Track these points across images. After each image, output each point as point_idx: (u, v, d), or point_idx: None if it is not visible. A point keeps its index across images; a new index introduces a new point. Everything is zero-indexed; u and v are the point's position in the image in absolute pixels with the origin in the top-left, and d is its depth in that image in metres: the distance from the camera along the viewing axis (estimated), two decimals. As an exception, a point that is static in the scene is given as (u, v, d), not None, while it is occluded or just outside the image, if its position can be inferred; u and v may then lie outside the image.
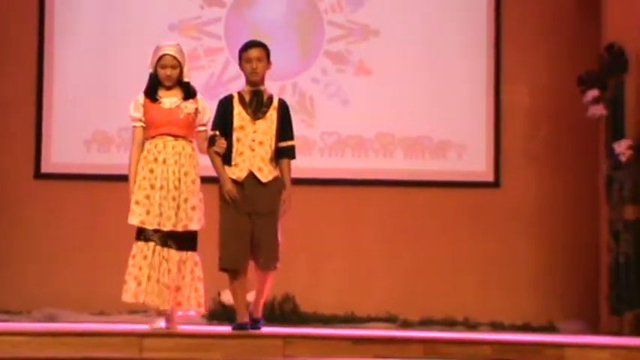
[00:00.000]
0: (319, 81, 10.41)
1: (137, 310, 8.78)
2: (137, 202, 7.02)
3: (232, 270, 7.18)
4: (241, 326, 7.16)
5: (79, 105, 10.20)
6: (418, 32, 10.42)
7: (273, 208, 7.18)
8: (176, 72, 7.15)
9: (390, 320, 9.97)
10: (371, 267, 10.16)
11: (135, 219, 7.02)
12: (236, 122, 7.22)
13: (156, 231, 7.01)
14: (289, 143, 7.31)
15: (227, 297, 9.06)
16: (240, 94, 7.30)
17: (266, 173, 7.19)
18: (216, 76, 10.24)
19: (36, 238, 10.08)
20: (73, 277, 9.97)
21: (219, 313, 9.54)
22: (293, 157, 7.35)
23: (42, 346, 6.51)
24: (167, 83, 7.15)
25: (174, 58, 7.14)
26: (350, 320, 9.89)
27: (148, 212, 7.01)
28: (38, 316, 9.75)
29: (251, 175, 7.18)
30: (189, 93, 7.21)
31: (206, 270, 7.22)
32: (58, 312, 9.82)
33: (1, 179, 10.14)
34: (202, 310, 7.19)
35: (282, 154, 7.29)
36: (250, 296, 7.43)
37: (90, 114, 10.16)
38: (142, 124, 7.16)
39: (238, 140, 7.19)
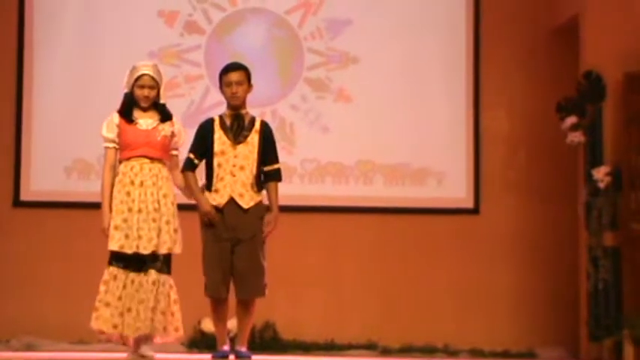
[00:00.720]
0: (299, 108, 10.42)
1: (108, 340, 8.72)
2: (116, 228, 6.90)
3: (214, 297, 7.13)
4: (222, 354, 7.12)
5: (59, 132, 10.18)
6: (397, 59, 10.46)
7: (255, 234, 7.11)
8: (154, 92, 7.06)
9: (370, 347, 9.97)
10: (351, 294, 10.16)
11: (114, 244, 6.89)
12: (217, 147, 7.14)
13: (135, 255, 6.89)
14: (275, 166, 7.24)
15: (207, 325, 9.03)
16: (221, 117, 7.24)
17: (247, 199, 7.13)
18: (196, 103, 10.24)
19: (15, 266, 10.03)
20: (52, 305, 9.93)
21: (199, 341, 9.50)
22: (279, 179, 7.27)
23: (21, 376, 6.49)
24: (144, 104, 7.05)
25: (153, 78, 7.06)
26: (330, 348, 9.89)
27: (127, 236, 6.90)
28: (17, 345, 9.69)
29: (232, 202, 7.10)
30: (165, 115, 7.12)
31: (186, 297, 7.17)
32: (36, 340, 9.76)
33: (-21, 207, 10.12)
34: (181, 333, 7.07)
35: (269, 177, 7.21)
36: (230, 323, 7.38)
37: (70, 141, 10.14)
38: (115, 145, 7.04)
39: (219, 165, 7.12)
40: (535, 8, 10.44)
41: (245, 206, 7.11)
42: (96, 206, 7.21)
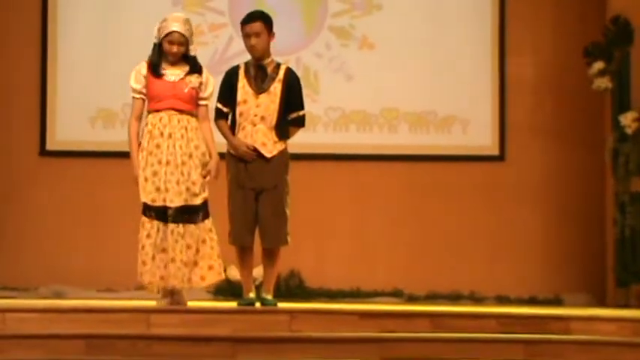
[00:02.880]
0: (323, 56, 10.42)
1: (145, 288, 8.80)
2: (146, 179, 6.90)
3: (239, 246, 7.18)
4: (248, 302, 7.16)
5: (84, 82, 10.23)
6: (421, 6, 10.44)
7: (278, 183, 7.10)
8: (182, 49, 7.00)
9: (396, 295, 10.03)
10: (376, 241, 10.20)
11: (146, 196, 6.88)
12: (240, 96, 7.11)
13: (166, 207, 6.91)
14: (299, 113, 7.17)
15: (233, 273, 9.10)
16: (246, 65, 7.18)
17: (270, 148, 7.10)
18: (220, 52, 10.25)
19: (42, 215, 10.13)
20: (79, 253, 10.03)
21: (225, 289, 9.57)
22: (301, 125, 7.22)
23: (49, 322, 6.52)
24: (172, 59, 7.03)
25: (182, 35, 6.98)
26: (356, 295, 9.95)
27: (157, 189, 6.90)
28: (45, 293, 9.81)
29: (254, 151, 7.08)
30: (195, 67, 7.07)
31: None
32: (64, 289, 9.88)
33: (7, 157, 10.19)
34: (222, 275, 7.08)
35: (291, 122, 7.16)
36: (256, 271, 7.43)
37: (94, 91, 10.20)
38: (142, 96, 7.01)
39: (241, 114, 7.11)
40: (562, -47, 10.41)
41: (268, 155, 7.10)
42: (120, 155, 7.26)
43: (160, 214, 6.91)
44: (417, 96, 10.42)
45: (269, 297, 7.21)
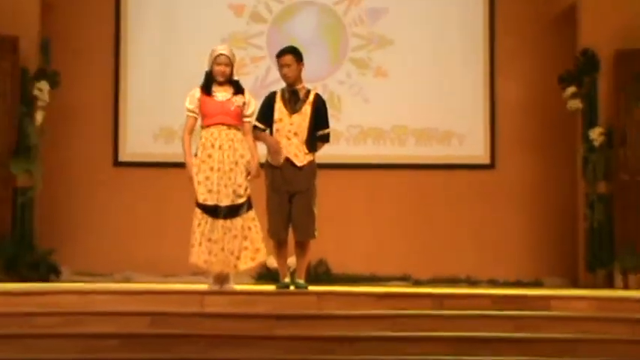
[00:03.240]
0: (345, 82, 10.41)
1: (198, 273, 8.80)
2: (199, 183, 6.90)
3: (275, 239, 7.18)
4: (284, 285, 7.15)
5: (148, 106, 10.26)
6: (426, 41, 10.39)
7: (308, 187, 7.08)
8: (229, 69, 7.01)
9: (405, 279, 9.98)
10: (389, 236, 10.15)
11: (200, 197, 6.89)
12: (276, 115, 7.12)
13: (215, 206, 6.90)
14: (325, 131, 7.16)
15: (271, 262, 9.08)
16: (282, 90, 7.19)
17: (301, 158, 7.09)
18: (260, 79, 10.25)
19: (116, 215, 10.14)
20: (146, 245, 10.01)
21: (265, 275, 9.57)
22: (327, 140, 7.20)
23: (121, 302, 6.55)
24: (220, 79, 7.00)
25: (228, 57, 7.02)
26: (372, 279, 9.90)
27: (209, 191, 6.90)
28: (118, 278, 9.84)
29: (288, 161, 7.08)
30: (238, 89, 7.08)
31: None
32: (133, 274, 9.90)
33: (86, 166, 10.20)
34: (267, 256, 7.04)
35: (318, 138, 7.16)
36: (290, 260, 7.41)
37: (157, 113, 10.22)
38: (194, 114, 7.02)
39: (277, 131, 7.11)
40: (541, -5, 10.36)
41: (299, 164, 7.09)
42: (178, 165, 7.24)
43: (211, 211, 6.91)
44: (422, 115, 10.37)
45: (301, 281, 7.20)
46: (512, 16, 10.35)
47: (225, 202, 6.90)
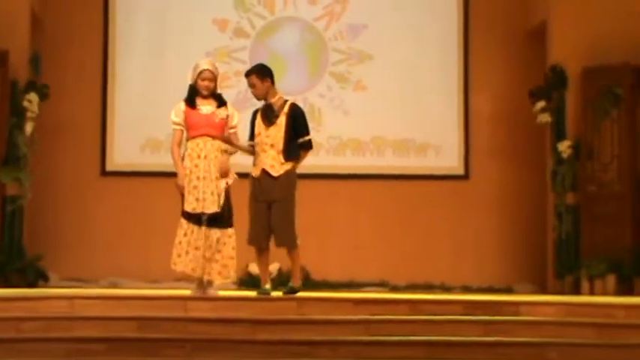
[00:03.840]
0: (325, 96, 10.46)
1: (182, 279, 8.81)
2: (189, 192, 6.94)
3: (255, 246, 7.20)
4: (264, 292, 7.15)
5: (135, 117, 10.27)
6: (404, 56, 10.45)
7: (286, 197, 7.07)
8: (213, 84, 7.08)
9: (383, 285, 10.02)
10: (367, 244, 10.19)
11: (188, 206, 6.93)
12: (256, 130, 7.18)
13: (202, 214, 6.94)
14: (305, 138, 7.17)
15: (253, 268, 9.09)
16: (263, 106, 7.24)
17: (277, 169, 7.09)
18: (243, 93, 10.13)
19: (103, 223, 10.14)
20: (132, 253, 10.02)
21: (247, 280, 9.59)
22: (309, 147, 7.21)
23: (108, 307, 6.58)
24: (205, 93, 7.05)
25: (212, 72, 7.09)
26: (351, 286, 9.94)
27: (197, 200, 6.94)
28: (104, 284, 9.85)
29: (264, 172, 7.10)
30: (222, 102, 7.14)
31: (239, 245, 7.14)
32: (120, 280, 9.90)
33: (74, 176, 10.20)
34: (233, 275, 7.08)
35: (301, 146, 7.17)
36: (272, 267, 7.39)
37: (143, 124, 10.23)
38: (181, 127, 7.06)
39: (258, 144, 7.16)
40: (512, 15, 10.41)
41: (275, 174, 7.10)
42: (163, 175, 7.26)
43: (197, 219, 6.96)
44: (400, 127, 10.42)
45: (290, 285, 7.18)
46: (485, 32, 10.43)
47: (211, 209, 6.94)
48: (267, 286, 7.22)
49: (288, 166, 7.14)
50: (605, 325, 6.46)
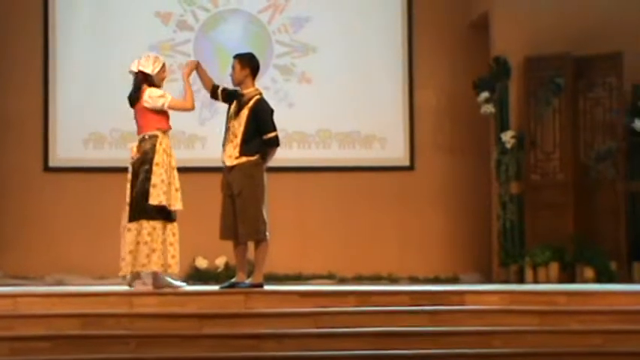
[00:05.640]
0: (270, 88, 10.36)
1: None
2: (155, 186, 6.90)
3: (224, 239, 7.13)
4: (232, 284, 7.09)
5: (77, 111, 10.15)
6: (348, 49, 10.45)
7: (242, 189, 7.00)
8: None
9: (330, 277, 10.02)
10: (314, 236, 10.19)
11: (159, 199, 6.87)
12: (228, 117, 7.16)
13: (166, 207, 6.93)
14: (268, 135, 7.11)
15: (200, 262, 9.06)
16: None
17: (232, 160, 7.04)
18: (187, 86, 10.19)
19: (47, 219, 10.02)
20: (78, 249, 9.92)
21: (194, 275, 9.53)
22: (274, 145, 7.16)
23: (52, 305, 6.51)
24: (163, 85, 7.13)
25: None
26: (298, 278, 9.92)
27: (165, 192, 6.90)
28: (50, 281, 9.73)
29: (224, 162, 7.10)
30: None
31: (183, 239, 7.14)
32: (65, 277, 9.79)
33: (16, 172, 10.08)
34: (176, 270, 7.03)
35: (266, 144, 7.12)
36: (218, 261, 7.36)
37: (86, 118, 10.11)
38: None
39: (226, 132, 7.12)
40: (456, 6, 10.43)
41: (229, 164, 7.06)
42: (107, 170, 7.15)
43: (166, 214, 6.93)
44: (345, 119, 10.42)
45: (249, 280, 7.12)
46: (429, 24, 10.46)
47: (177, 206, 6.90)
48: (238, 279, 7.13)
49: (244, 159, 7.06)
50: (548, 312, 6.55)
